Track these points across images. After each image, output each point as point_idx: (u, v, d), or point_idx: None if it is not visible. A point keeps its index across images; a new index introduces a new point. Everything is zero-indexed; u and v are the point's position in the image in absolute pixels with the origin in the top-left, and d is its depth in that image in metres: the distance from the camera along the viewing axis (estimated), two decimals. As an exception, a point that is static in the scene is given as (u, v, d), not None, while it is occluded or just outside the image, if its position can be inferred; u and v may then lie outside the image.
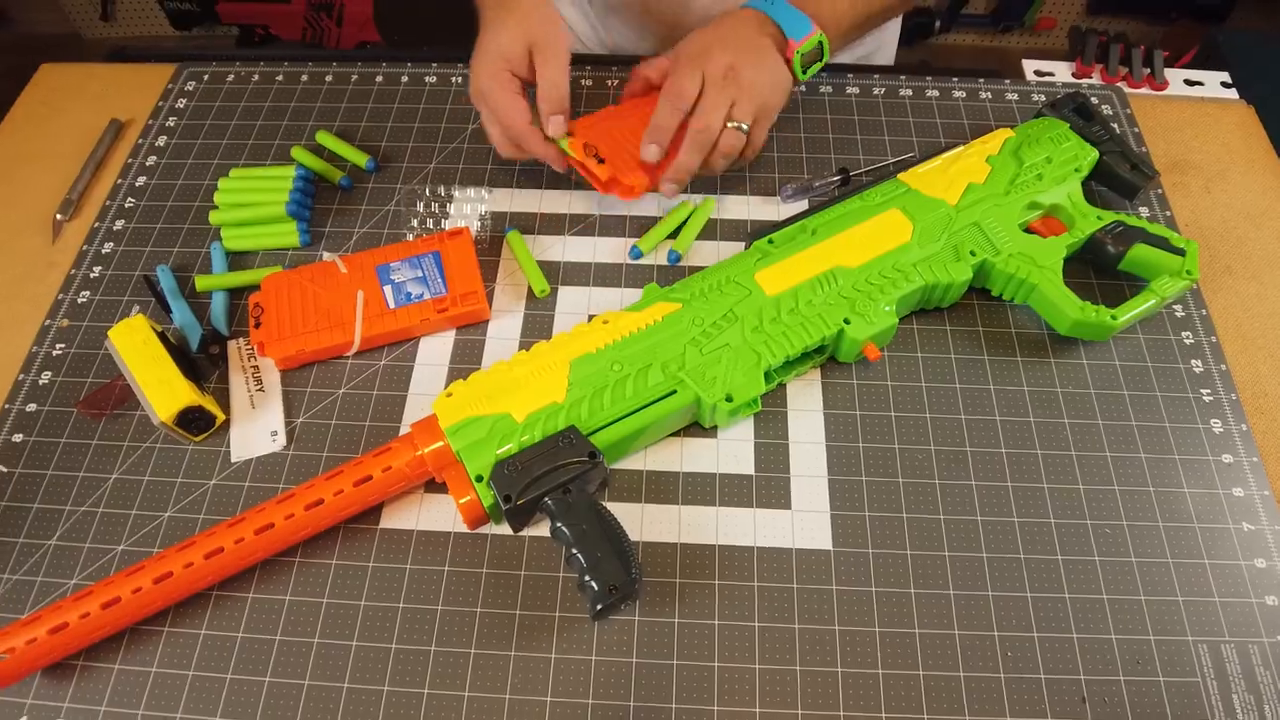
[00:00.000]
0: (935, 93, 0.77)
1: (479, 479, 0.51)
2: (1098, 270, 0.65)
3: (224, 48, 2.08)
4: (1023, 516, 0.55)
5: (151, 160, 0.75)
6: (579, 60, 0.78)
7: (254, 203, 0.67)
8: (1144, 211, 0.69)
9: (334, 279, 0.63)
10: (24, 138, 0.78)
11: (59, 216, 0.72)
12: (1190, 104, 0.78)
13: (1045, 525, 0.55)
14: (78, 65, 0.84)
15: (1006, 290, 0.61)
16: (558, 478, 0.51)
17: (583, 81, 0.79)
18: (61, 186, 0.74)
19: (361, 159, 0.71)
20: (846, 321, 0.57)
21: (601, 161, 0.63)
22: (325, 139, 0.73)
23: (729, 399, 0.54)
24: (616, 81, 0.79)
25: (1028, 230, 0.63)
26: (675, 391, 0.54)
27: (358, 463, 0.53)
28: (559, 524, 0.50)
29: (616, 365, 0.55)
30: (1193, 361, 0.61)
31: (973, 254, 0.60)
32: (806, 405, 0.59)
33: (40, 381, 0.63)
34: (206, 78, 0.80)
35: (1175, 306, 0.64)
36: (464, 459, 0.52)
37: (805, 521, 0.55)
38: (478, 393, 0.54)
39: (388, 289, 0.62)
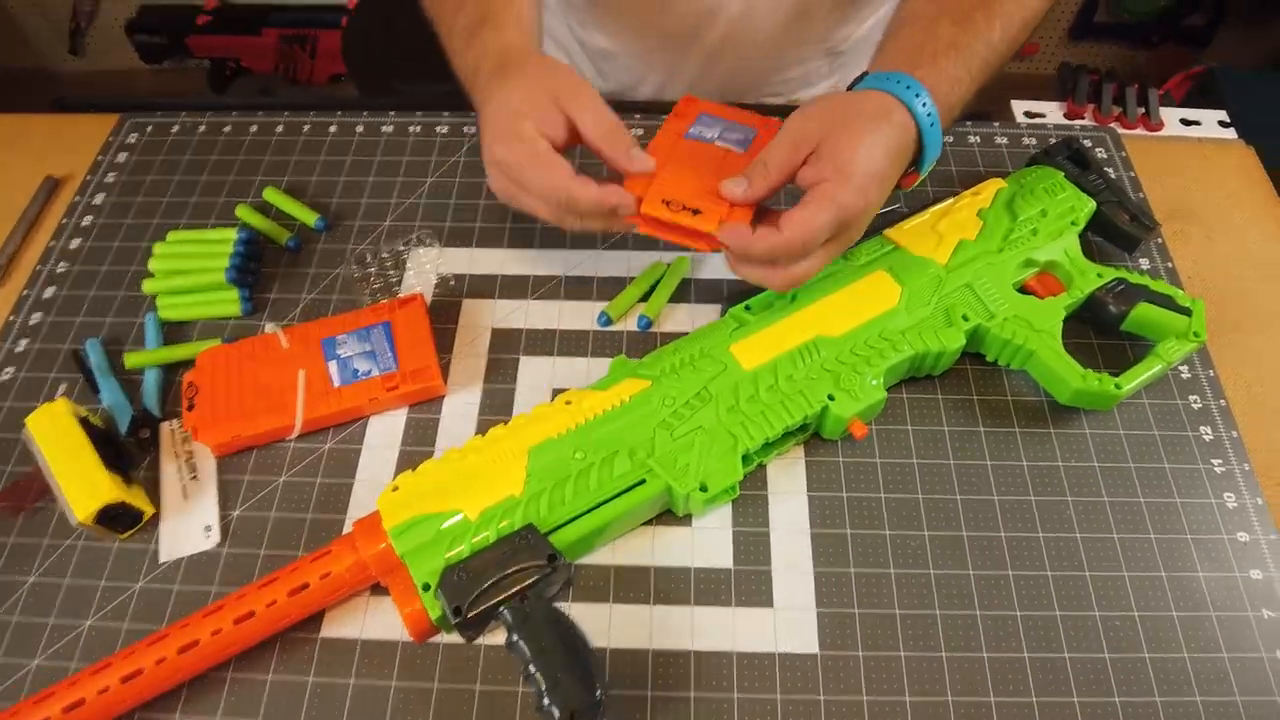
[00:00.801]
0: (921, 137, 0.72)
1: (426, 587, 0.46)
2: (1098, 330, 0.61)
3: (181, 94, 2.03)
4: (1026, 609, 0.50)
5: (88, 220, 0.70)
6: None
7: (192, 269, 0.62)
8: (1144, 264, 0.65)
9: (275, 354, 0.58)
10: (-48, 197, 0.73)
11: (-16, 284, 0.67)
12: (1188, 145, 0.74)
13: (1050, 619, 0.50)
14: (14, 116, 0.79)
15: (1002, 356, 0.57)
16: (513, 584, 0.46)
17: None
18: (-11, 251, 0.69)
19: (310, 217, 0.67)
20: (830, 398, 0.52)
21: (697, 213, 0.51)
22: (273, 196, 0.68)
23: (703, 488, 0.49)
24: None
25: (1023, 290, 0.59)
26: (644, 481, 0.49)
27: (293, 568, 0.48)
28: (515, 637, 0.45)
29: (579, 453, 0.50)
30: (1202, 429, 0.57)
31: (965, 319, 0.55)
32: (788, 487, 0.55)
33: (-45, 471, 0.57)
34: (150, 129, 0.76)
35: (1181, 367, 0.60)
36: (409, 564, 0.47)
37: (789, 621, 0.50)
38: (426, 486, 0.49)
39: (333, 365, 0.57)
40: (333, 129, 0.74)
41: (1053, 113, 0.77)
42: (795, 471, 0.55)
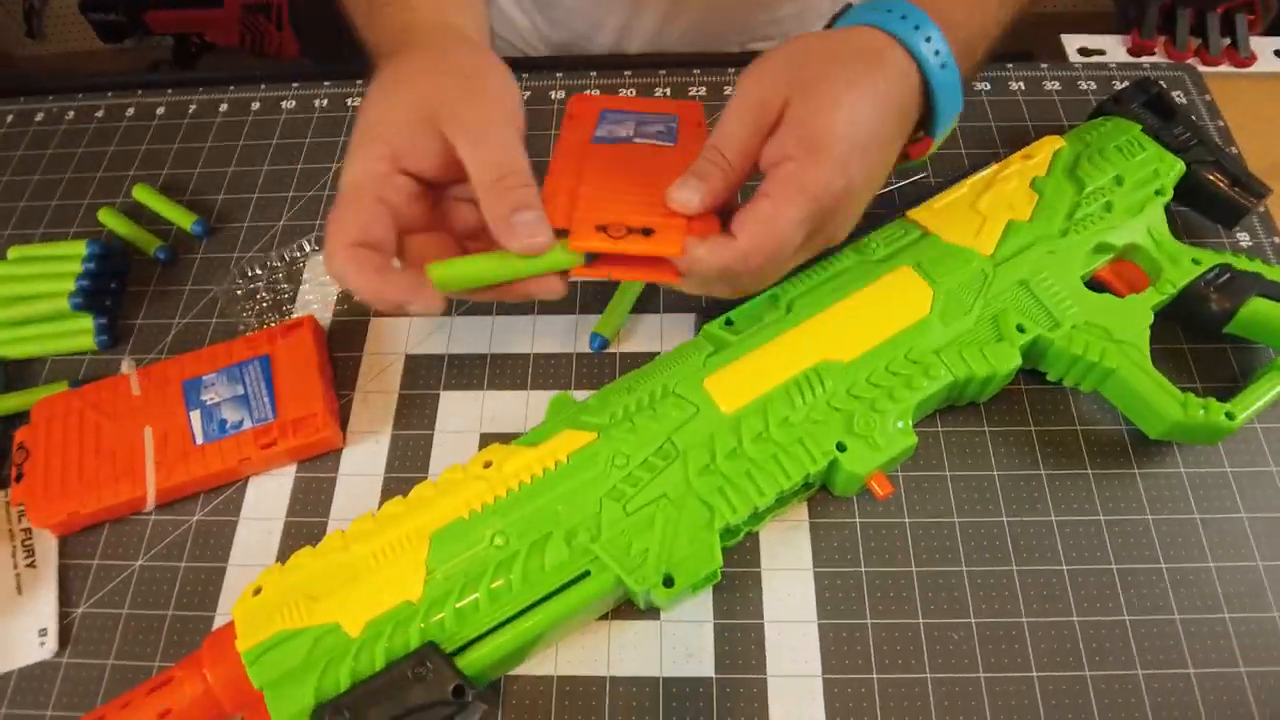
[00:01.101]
0: (951, 86, 0.58)
1: (290, 734, 0.34)
2: (1192, 332, 0.47)
3: (156, 68, 1.89)
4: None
5: (-70, 233, 0.57)
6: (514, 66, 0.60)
7: (33, 295, 0.50)
8: (1244, 239, 0.51)
9: (124, 403, 0.45)
10: None
11: None
12: (1290, 83, 0.59)
13: (1146, 734, 0.37)
14: None
15: (1070, 375, 0.43)
16: (407, 730, 0.33)
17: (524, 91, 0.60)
18: None
19: (187, 220, 0.53)
20: (841, 448, 0.38)
21: (650, 233, 0.36)
22: (144, 195, 0.55)
23: (668, 582, 0.36)
24: (564, 92, 0.60)
25: (1094, 284, 0.45)
26: (587, 574, 0.36)
27: (124, 703, 0.36)
28: (411, 804, 0.33)
29: (500, 537, 0.37)
30: (1341, 462, 0.43)
31: (1021, 330, 0.41)
32: (788, 562, 0.41)
33: None
34: (10, 119, 0.63)
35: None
36: (268, 701, 0.34)
37: (791, 753, 0.37)
38: (297, 588, 0.37)
39: (195, 415, 0.44)
40: (223, 108, 0.61)
41: (1114, 48, 0.62)
42: (797, 540, 0.42)
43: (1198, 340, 0.47)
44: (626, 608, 0.40)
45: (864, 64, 0.36)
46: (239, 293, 0.51)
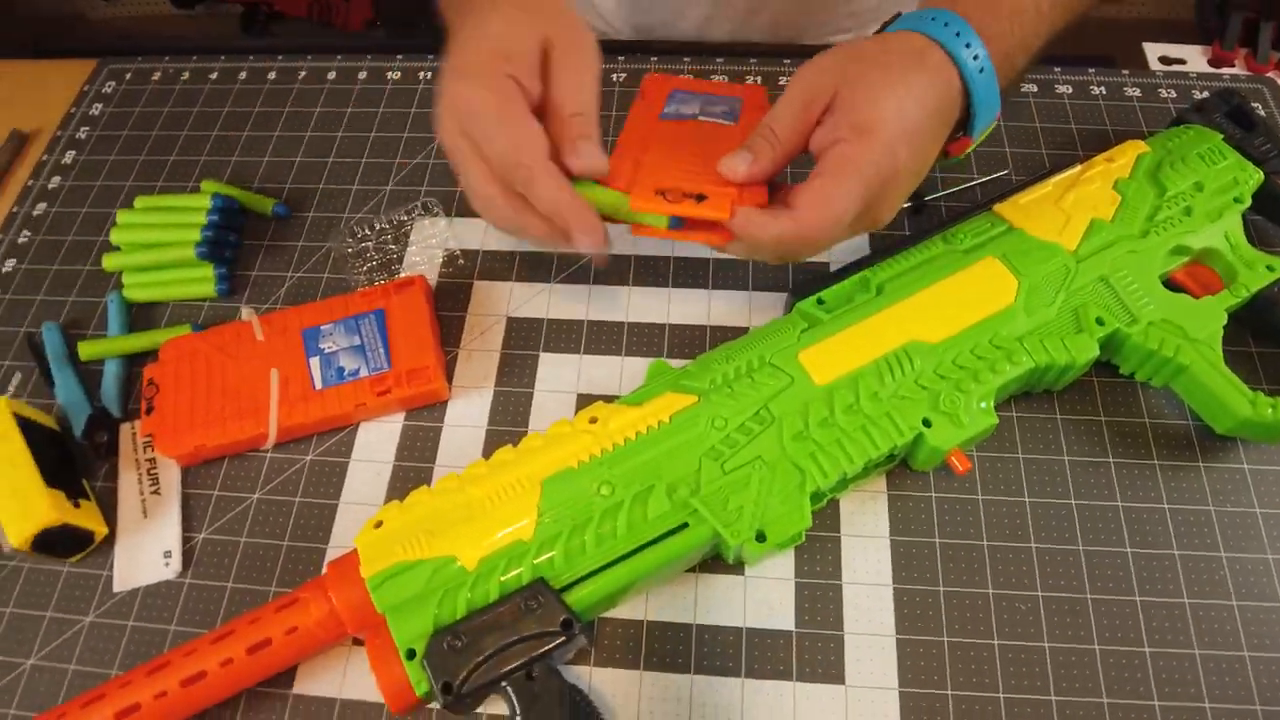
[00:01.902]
0: (1033, 87, 0.60)
1: (411, 654, 0.37)
2: (1261, 335, 0.48)
3: (223, 36, 1.93)
4: (1167, 699, 0.39)
5: (55, 182, 0.61)
6: (609, 49, 0.62)
7: (160, 243, 0.53)
8: (1317, 249, 0.52)
9: (248, 347, 0.48)
10: (-86, 152, 0.65)
11: (-62, 254, 0.58)
12: (1370, 99, 0.60)
13: (1197, 712, 0.39)
14: (-15, 62, 0.70)
15: (1143, 370, 0.45)
16: (518, 656, 0.37)
17: (613, 76, 0.63)
18: (-52, 216, 0.60)
19: (267, 205, 0.56)
20: (926, 423, 0.41)
21: (702, 199, 0.40)
22: (211, 186, 0.57)
23: (761, 538, 0.39)
24: (624, 75, 0.63)
25: (1170, 285, 0.47)
26: (686, 526, 0.39)
27: (254, 619, 0.39)
28: (519, 721, 0.36)
29: (605, 487, 0.40)
30: (1400, 466, 0.45)
31: (1100, 323, 0.44)
32: (867, 529, 0.44)
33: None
34: (129, 76, 0.66)
35: (1370, 385, 0.47)
36: (391, 624, 0.38)
37: (864, 703, 0.40)
38: (416, 523, 0.40)
39: (315, 362, 0.48)
40: (331, 75, 0.64)
41: (1195, 59, 0.63)
42: (876, 509, 0.44)
43: (1266, 344, 0.48)
44: (713, 562, 0.43)
45: (907, 62, 0.40)
46: (349, 251, 0.54)
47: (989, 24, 0.41)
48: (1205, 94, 0.53)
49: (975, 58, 0.40)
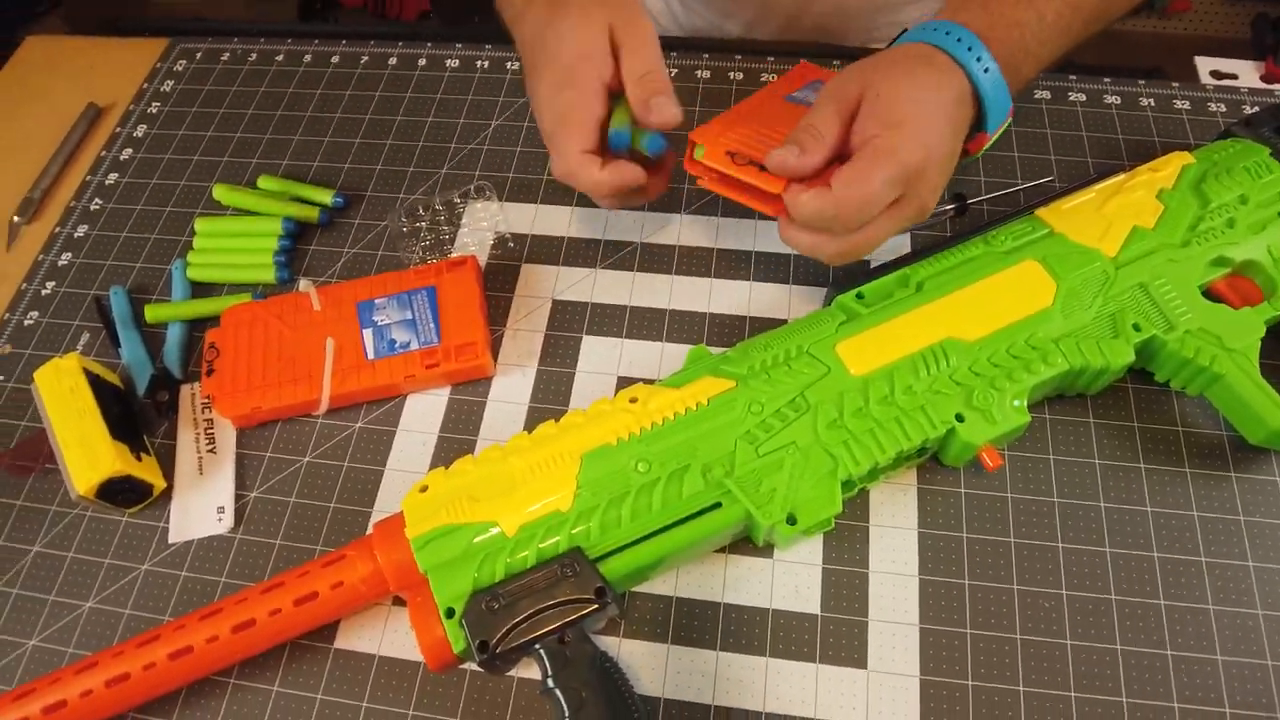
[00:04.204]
0: (1081, 96, 0.60)
1: (450, 613, 0.39)
2: (1298, 348, 0.48)
3: (283, 19, 1.98)
4: (1187, 701, 0.40)
5: (127, 154, 0.64)
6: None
7: (233, 264, 0.56)
8: (1363, 267, 0.52)
9: (305, 317, 0.51)
10: (-4, 121, 0.68)
11: (16, 219, 0.61)
12: None
13: (1218, 715, 0.40)
14: (63, 38, 0.73)
15: (1178, 378, 0.46)
16: (553, 620, 0.38)
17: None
18: (26, 182, 0.63)
19: (327, 196, 0.58)
20: (959, 418, 0.42)
21: (764, 169, 0.45)
22: (269, 183, 0.59)
23: (792, 520, 0.40)
24: (708, 73, 0.64)
25: (1209, 294, 0.47)
26: (719, 505, 0.40)
27: (302, 573, 0.41)
28: (551, 683, 0.38)
29: (643, 464, 0.41)
30: None
31: (1137, 329, 0.44)
32: (895, 520, 0.45)
33: (-32, 421, 0.53)
34: (199, 55, 0.69)
35: None
36: (433, 583, 0.39)
37: (885, 688, 0.41)
38: (460, 490, 0.41)
39: (368, 334, 0.50)
40: (392, 61, 0.66)
41: (1247, 74, 0.63)
42: (905, 501, 0.45)
43: (1303, 358, 0.48)
44: (742, 544, 0.45)
45: (917, 62, 0.44)
46: (404, 230, 0.56)
47: (987, 28, 0.44)
48: (1255, 109, 0.53)
49: (979, 59, 0.44)
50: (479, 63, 0.65)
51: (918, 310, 0.45)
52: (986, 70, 0.44)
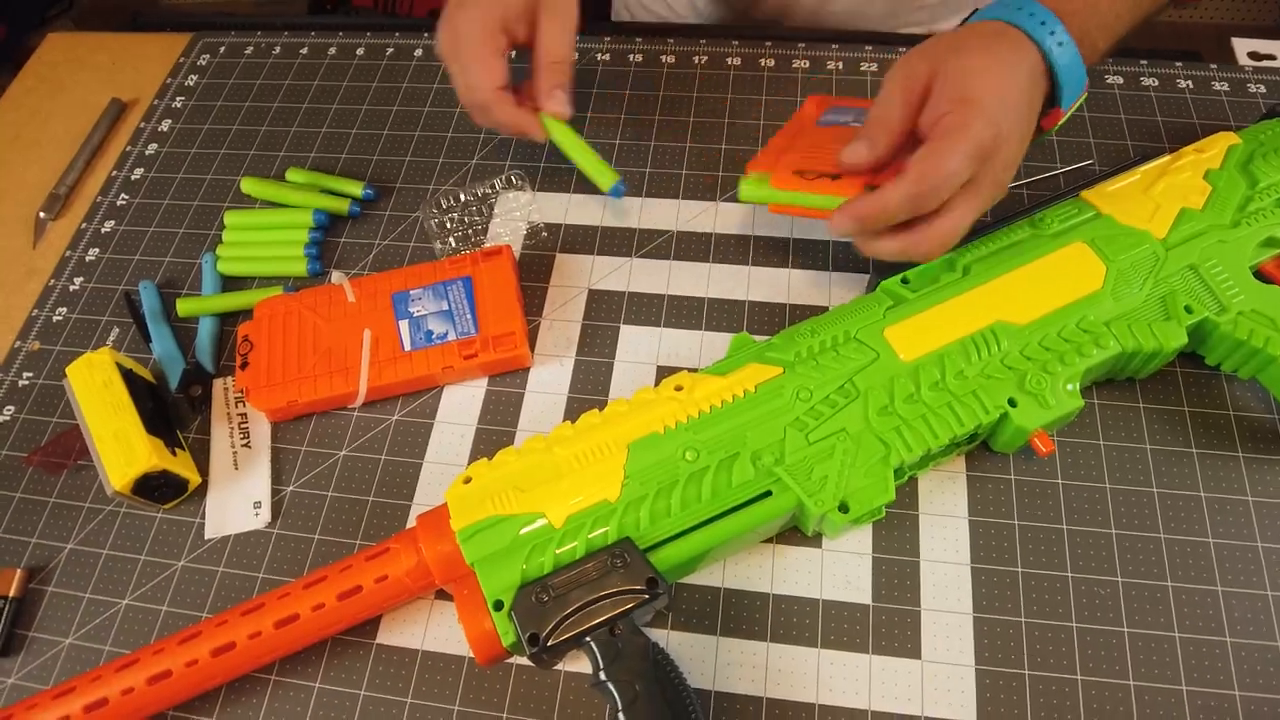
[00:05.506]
0: (1118, 79, 0.59)
1: (498, 605, 0.38)
2: (1352, 331, 0.48)
3: (295, 14, 1.98)
4: (1248, 689, 0.39)
5: (152, 148, 0.63)
6: (662, 32, 0.63)
7: (263, 257, 0.55)
8: None
9: (340, 309, 0.50)
10: (19, 119, 0.68)
11: (42, 214, 0.61)
12: None
13: (1277, 703, 0.39)
14: (85, 35, 0.73)
15: (1230, 361, 0.45)
16: (603, 612, 0.37)
17: (694, 59, 0.64)
18: (52, 178, 0.63)
19: (357, 188, 0.57)
20: (1012, 403, 0.41)
21: (836, 178, 0.45)
22: (297, 175, 0.59)
23: (844, 508, 0.39)
24: (705, 58, 0.63)
25: (1260, 275, 0.46)
26: (770, 494, 0.40)
27: (345, 566, 0.41)
28: (602, 676, 0.37)
29: (691, 453, 0.41)
30: None
31: (1188, 311, 0.43)
32: (946, 508, 0.44)
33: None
34: (223, 49, 0.68)
35: None
36: (480, 575, 0.39)
37: (940, 679, 0.40)
38: (504, 481, 0.41)
39: (404, 325, 0.49)
40: (417, 53, 0.66)
41: (1285, 55, 0.62)
42: (955, 489, 0.44)
43: (1357, 341, 0.48)
44: (790, 534, 0.44)
45: (989, 39, 0.42)
46: (435, 222, 0.55)
47: (1063, 4, 0.43)
48: (1297, 89, 0.53)
49: (1053, 34, 0.42)
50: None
51: (966, 294, 0.44)
52: (1061, 44, 0.42)
